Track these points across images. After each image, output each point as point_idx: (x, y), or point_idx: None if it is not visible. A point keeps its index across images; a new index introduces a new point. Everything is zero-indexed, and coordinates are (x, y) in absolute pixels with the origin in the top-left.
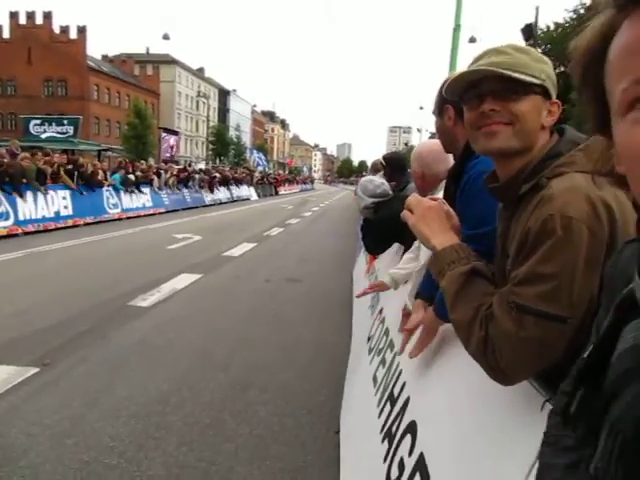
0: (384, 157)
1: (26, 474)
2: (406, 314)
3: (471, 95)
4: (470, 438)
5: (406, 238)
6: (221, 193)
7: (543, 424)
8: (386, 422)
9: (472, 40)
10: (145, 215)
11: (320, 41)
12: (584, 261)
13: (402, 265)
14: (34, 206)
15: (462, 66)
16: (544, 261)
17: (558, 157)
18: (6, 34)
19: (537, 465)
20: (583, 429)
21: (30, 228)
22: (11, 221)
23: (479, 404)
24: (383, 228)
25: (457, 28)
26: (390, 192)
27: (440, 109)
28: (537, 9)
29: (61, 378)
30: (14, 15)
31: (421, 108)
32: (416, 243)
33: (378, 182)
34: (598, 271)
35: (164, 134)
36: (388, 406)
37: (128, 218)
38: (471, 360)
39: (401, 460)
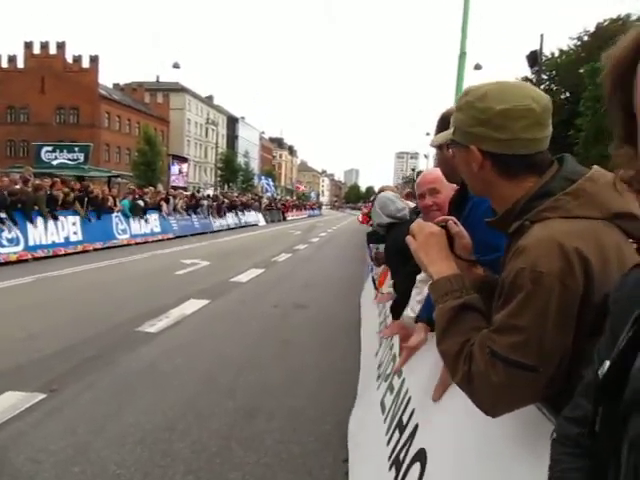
0: (419, 174)
1: None
2: (395, 326)
3: None
4: (479, 467)
5: (413, 264)
6: (229, 219)
7: None
8: (394, 449)
9: (477, 67)
10: (153, 241)
11: (327, 69)
12: (555, 314)
13: (412, 304)
14: (44, 232)
15: None
16: (515, 314)
17: (547, 197)
18: (20, 64)
19: None
20: (608, 447)
21: (40, 253)
22: (21, 247)
23: (488, 432)
24: (394, 250)
25: (462, 55)
26: (407, 218)
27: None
28: (542, 36)
29: (68, 404)
30: (29, 45)
31: (427, 134)
32: (420, 276)
33: (400, 205)
34: (571, 323)
35: (173, 161)
36: (397, 433)
37: (137, 244)
38: None
39: None
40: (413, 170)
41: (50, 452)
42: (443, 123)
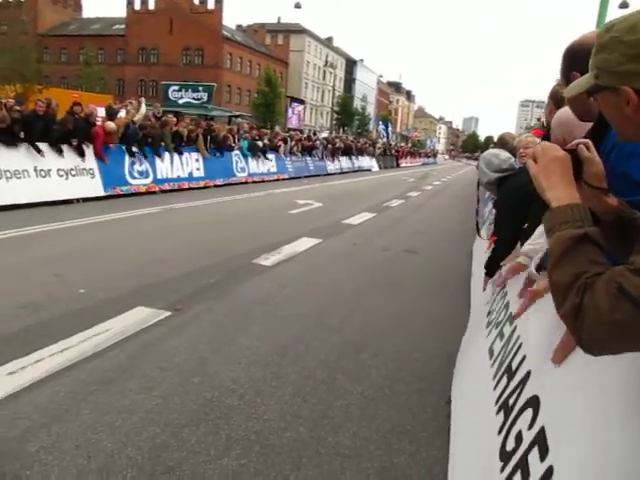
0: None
1: (160, 403)
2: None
3: None
4: (597, 417)
5: (530, 214)
6: (343, 163)
7: None
8: (502, 394)
9: (624, 6)
10: (269, 180)
11: (450, 8)
12: None
13: (534, 240)
14: (170, 166)
15: None
16: None
17: None
18: (151, 5)
19: None
20: None
21: (166, 187)
22: (150, 179)
23: (611, 382)
24: (506, 203)
25: None
26: (516, 166)
27: (567, 77)
28: None
29: (189, 323)
30: None
31: (557, 80)
32: None
33: (504, 156)
34: None
35: (291, 103)
36: (505, 379)
37: (254, 182)
38: None
39: (519, 433)
40: (538, 120)
41: (174, 363)
42: (570, 59)
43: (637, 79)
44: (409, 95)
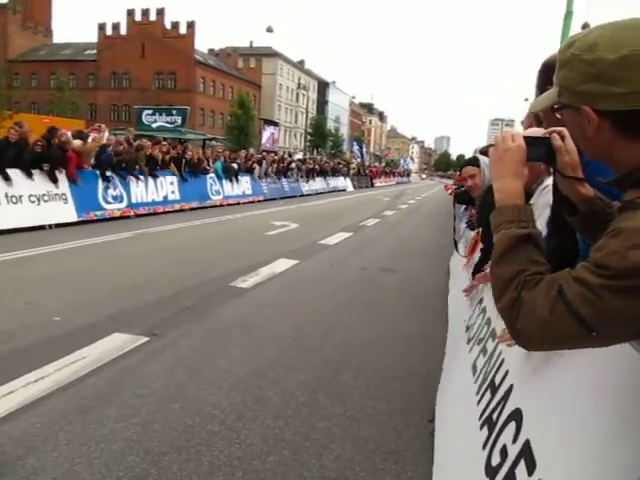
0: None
1: (138, 431)
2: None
3: None
4: (580, 428)
5: None
6: (318, 183)
7: None
8: (485, 409)
9: (585, 28)
10: (245, 202)
11: (421, 32)
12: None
13: None
14: (145, 190)
15: None
16: (600, 286)
17: None
18: (123, 31)
19: None
20: None
21: (141, 211)
22: (125, 204)
23: (590, 393)
24: (488, 213)
25: (568, 15)
26: None
27: (542, 92)
28: None
29: (168, 348)
30: (131, 12)
31: (526, 99)
32: None
33: None
34: None
35: (264, 125)
36: (488, 394)
37: (229, 205)
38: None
39: (504, 447)
40: None
41: (152, 389)
42: (546, 74)
43: (596, 99)
44: (381, 116)
